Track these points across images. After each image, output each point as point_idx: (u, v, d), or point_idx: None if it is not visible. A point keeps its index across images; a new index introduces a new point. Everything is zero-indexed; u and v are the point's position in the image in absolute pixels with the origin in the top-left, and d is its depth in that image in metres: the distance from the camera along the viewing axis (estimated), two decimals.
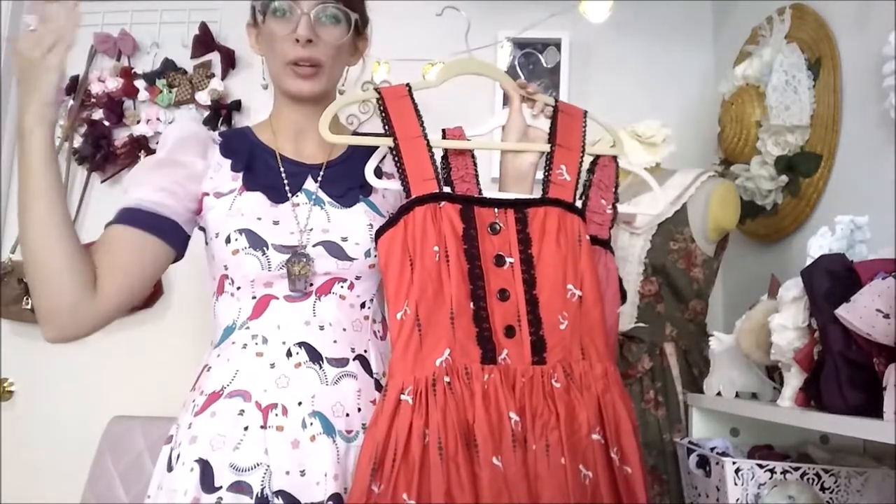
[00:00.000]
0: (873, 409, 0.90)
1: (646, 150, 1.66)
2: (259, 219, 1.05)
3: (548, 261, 1.03)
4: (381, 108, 1.07)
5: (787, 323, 1.08)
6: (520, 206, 1.06)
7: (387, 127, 1.05)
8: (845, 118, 1.46)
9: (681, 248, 1.58)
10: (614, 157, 1.17)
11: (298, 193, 1.09)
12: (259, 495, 0.95)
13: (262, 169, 1.10)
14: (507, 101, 1.16)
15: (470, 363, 0.96)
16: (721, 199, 1.58)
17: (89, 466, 1.90)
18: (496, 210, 1.05)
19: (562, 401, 0.96)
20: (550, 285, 1.02)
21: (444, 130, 1.11)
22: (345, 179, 1.11)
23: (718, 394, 1.36)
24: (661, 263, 1.59)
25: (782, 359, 1.11)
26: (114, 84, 2.28)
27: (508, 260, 1.03)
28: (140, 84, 2.30)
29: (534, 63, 2.21)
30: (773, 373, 1.32)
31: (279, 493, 0.96)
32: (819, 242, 1.09)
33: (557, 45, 2.18)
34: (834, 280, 1.00)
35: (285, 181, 1.09)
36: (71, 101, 2.32)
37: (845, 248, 1.08)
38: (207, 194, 1.08)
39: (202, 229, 1.11)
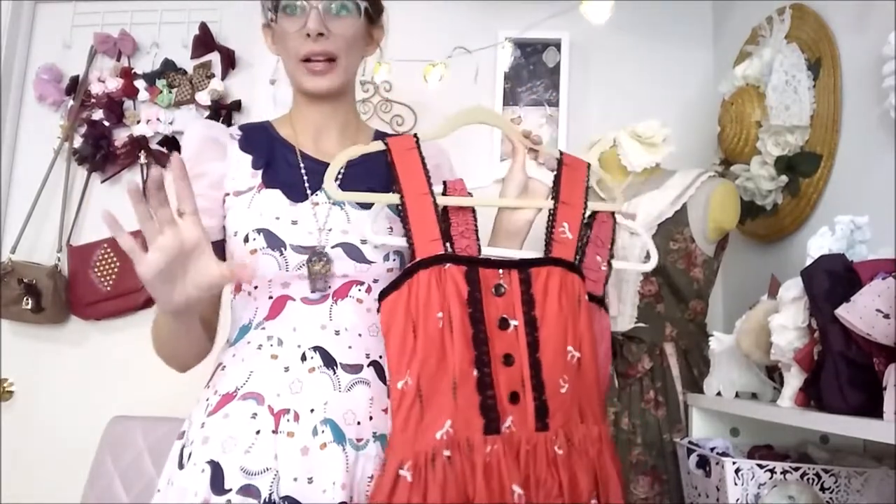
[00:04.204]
0: (873, 409, 0.90)
1: (646, 150, 1.66)
2: (277, 218, 1.04)
3: (550, 322, 1.00)
4: (389, 160, 1.04)
5: (787, 323, 1.08)
6: (523, 266, 1.03)
7: (394, 184, 1.03)
8: (845, 118, 1.46)
9: (681, 248, 1.58)
10: (612, 214, 1.15)
11: (318, 192, 1.08)
12: (266, 500, 0.94)
13: (281, 165, 1.09)
14: (510, 152, 1.14)
15: (472, 434, 0.93)
16: (721, 200, 1.58)
17: (89, 466, 1.90)
18: (500, 271, 1.01)
19: (564, 468, 0.96)
20: (553, 348, 1.00)
21: (444, 183, 1.07)
22: (365, 180, 1.08)
23: (718, 394, 1.36)
24: (661, 263, 1.58)
25: (782, 359, 1.11)
26: (114, 84, 2.29)
27: (513, 323, 0.99)
28: (140, 84, 2.30)
29: (534, 63, 2.21)
30: (773, 373, 1.32)
31: (286, 498, 0.95)
32: (819, 242, 1.08)
33: (557, 45, 2.18)
34: (834, 280, 1.00)
35: (305, 179, 1.08)
36: (71, 101, 2.32)
37: (845, 248, 1.08)
38: (228, 194, 1.07)
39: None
